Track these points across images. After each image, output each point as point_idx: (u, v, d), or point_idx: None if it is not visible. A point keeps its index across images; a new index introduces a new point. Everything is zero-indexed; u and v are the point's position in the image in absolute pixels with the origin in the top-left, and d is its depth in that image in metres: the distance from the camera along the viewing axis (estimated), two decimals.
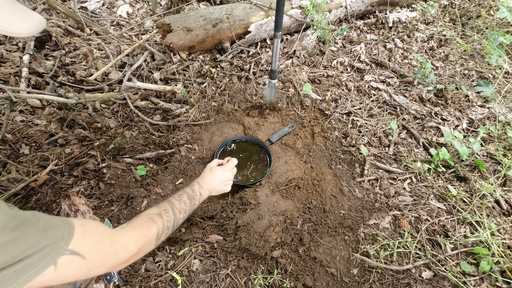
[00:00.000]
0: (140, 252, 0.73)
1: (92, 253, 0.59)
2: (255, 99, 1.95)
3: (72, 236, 0.56)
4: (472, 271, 1.25)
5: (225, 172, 1.20)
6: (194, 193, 1.01)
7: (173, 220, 0.86)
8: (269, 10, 2.39)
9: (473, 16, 2.84)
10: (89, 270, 0.59)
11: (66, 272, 0.55)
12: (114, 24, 2.75)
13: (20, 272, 0.47)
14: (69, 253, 0.55)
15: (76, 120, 1.77)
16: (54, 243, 0.52)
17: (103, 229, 0.65)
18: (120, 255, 0.66)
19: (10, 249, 0.46)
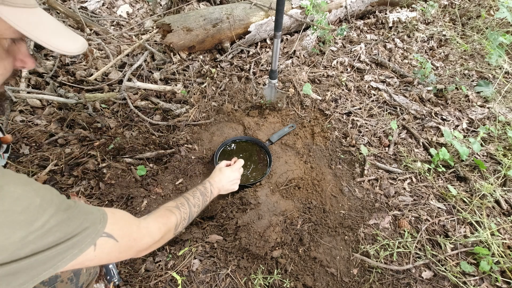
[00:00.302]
0: (162, 239, 0.80)
1: (123, 237, 0.65)
2: (255, 99, 1.95)
3: (106, 220, 0.62)
4: (472, 271, 1.25)
5: (233, 172, 1.32)
6: (206, 190, 1.12)
7: (189, 213, 0.95)
8: (269, 10, 2.39)
9: (473, 16, 2.84)
10: (120, 253, 0.66)
11: (103, 253, 0.60)
12: (114, 24, 2.75)
13: (69, 249, 0.52)
14: (105, 235, 0.61)
15: (76, 120, 1.77)
16: (94, 225, 0.58)
17: (129, 217, 0.72)
18: (145, 240, 0.73)
19: (63, 227, 0.51)
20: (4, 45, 0.52)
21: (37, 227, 0.47)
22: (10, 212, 0.44)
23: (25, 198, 0.47)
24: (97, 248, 0.58)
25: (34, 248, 0.46)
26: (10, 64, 0.56)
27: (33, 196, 0.48)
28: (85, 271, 0.98)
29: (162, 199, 1.47)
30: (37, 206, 0.48)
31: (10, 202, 0.45)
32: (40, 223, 0.47)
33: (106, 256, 0.61)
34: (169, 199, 1.47)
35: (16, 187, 0.47)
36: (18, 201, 0.46)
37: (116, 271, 1.17)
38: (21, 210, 0.46)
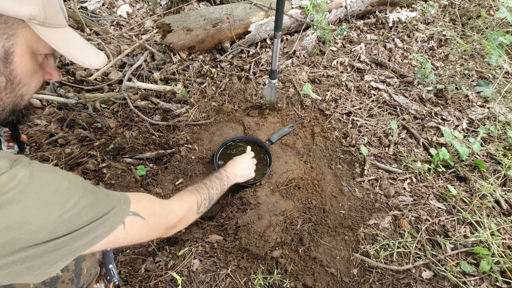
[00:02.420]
0: (185, 217, 0.86)
1: (148, 214, 0.69)
2: (255, 99, 1.95)
3: (130, 201, 0.66)
4: (472, 271, 1.25)
5: (245, 158, 1.38)
6: (221, 175, 1.17)
7: (208, 194, 1.01)
8: (269, 10, 2.39)
9: (473, 16, 2.84)
10: (149, 231, 0.70)
11: (133, 231, 0.64)
12: (114, 24, 2.75)
13: (101, 227, 0.57)
14: (132, 214, 0.64)
15: (76, 120, 1.77)
16: (119, 205, 0.62)
17: (150, 197, 0.77)
18: (170, 216, 0.78)
19: (93, 207, 0.55)
20: (39, 60, 0.58)
21: (69, 207, 0.51)
22: (43, 193, 0.48)
23: (54, 182, 0.51)
24: (126, 227, 0.62)
25: (69, 227, 0.50)
26: (42, 76, 0.61)
27: (61, 180, 0.52)
28: (86, 272, 0.99)
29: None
30: (66, 189, 0.52)
31: (41, 185, 0.48)
32: (72, 203, 0.51)
33: (136, 234, 0.65)
34: None
35: (44, 173, 0.50)
36: (48, 184, 0.49)
37: (116, 271, 1.17)
38: (53, 192, 0.50)
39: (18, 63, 0.53)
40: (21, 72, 0.54)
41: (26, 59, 0.54)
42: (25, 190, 0.46)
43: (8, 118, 0.58)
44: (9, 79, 0.53)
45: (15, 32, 0.50)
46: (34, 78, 0.58)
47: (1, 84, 0.52)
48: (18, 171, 0.47)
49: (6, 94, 0.54)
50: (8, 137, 0.70)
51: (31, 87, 0.59)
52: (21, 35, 0.51)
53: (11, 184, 0.45)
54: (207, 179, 1.10)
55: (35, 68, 0.58)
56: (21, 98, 0.58)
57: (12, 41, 0.50)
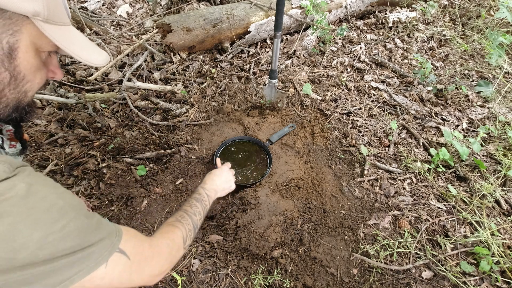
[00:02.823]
0: (172, 258, 0.77)
1: (135, 255, 0.61)
2: (255, 99, 1.95)
3: (122, 235, 0.60)
4: (472, 271, 1.25)
5: (223, 172, 1.25)
6: (200, 196, 1.07)
7: (192, 223, 0.92)
8: (269, 10, 2.39)
9: (473, 16, 2.84)
10: (131, 274, 0.61)
11: (114, 272, 0.56)
12: (114, 24, 2.75)
13: (85, 260, 0.51)
14: (119, 251, 0.57)
15: (76, 120, 1.77)
16: (110, 237, 0.56)
17: (141, 235, 0.69)
18: (156, 259, 0.69)
19: (82, 233, 0.51)
20: (42, 57, 0.58)
21: (57, 228, 0.47)
22: (34, 210, 0.46)
23: (49, 199, 0.48)
24: (108, 265, 0.55)
25: (52, 251, 0.46)
26: (45, 74, 0.61)
27: (57, 198, 0.50)
28: None
29: (162, 199, 1.47)
30: (60, 208, 0.49)
31: (35, 201, 0.46)
32: (61, 225, 0.48)
33: (117, 275, 0.57)
34: (169, 199, 1.47)
35: (43, 188, 0.49)
36: (43, 201, 0.47)
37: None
38: (45, 210, 0.47)
39: (22, 59, 0.53)
40: (25, 68, 0.54)
41: (30, 55, 0.54)
42: (18, 203, 0.44)
43: (11, 115, 0.57)
44: (13, 74, 0.53)
45: (20, 28, 0.51)
46: (37, 75, 0.58)
47: (5, 80, 0.52)
48: (17, 182, 0.45)
49: (9, 90, 0.54)
50: (10, 135, 0.70)
51: (34, 84, 0.59)
52: (25, 31, 0.51)
53: (7, 194, 0.43)
54: (187, 205, 0.99)
55: (39, 65, 0.58)
56: (24, 94, 0.57)
57: (17, 37, 0.51)
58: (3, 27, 0.48)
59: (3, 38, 0.49)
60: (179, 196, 1.48)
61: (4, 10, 0.47)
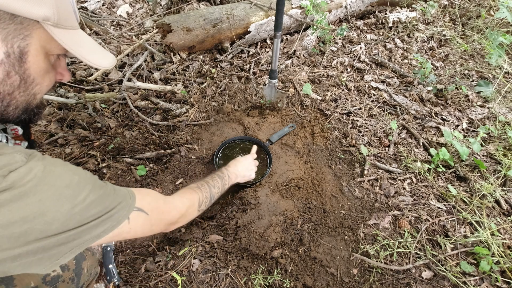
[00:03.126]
0: (187, 213, 0.88)
1: (152, 210, 0.71)
2: (255, 99, 1.95)
3: (135, 196, 0.68)
4: (472, 271, 1.25)
5: (247, 159, 1.39)
6: (223, 174, 1.19)
7: (209, 192, 1.02)
8: (269, 10, 2.39)
9: (473, 16, 2.84)
10: (152, 226, 0.72)
11: (137, 226, 0.66)
12: (114, 24, 2.75)
13: (108, 221, 0.59)
14: (137, 209, 0.66)
15: (76, 120, 1.77)
16: (125, 200, 0.64)
17: (155, 193, 0.78)
18: (172, 213, 0.80)
19: (101, 201, 0.58)
20: (51, 60, 0.60)
21: (80, 200, 0.53)
22: (56, 187, 0.50)
23: (66, 176, 0.53)
24: (131, 221, 0.64)
25: (79, 219, 0.53)
26: (53, 76, 0.63)
27: (72, 174, 0.54)
28: (86, 271, 0.99)
29: None
30: (77, 182, 0.54)
31: (55, 179, 0.51)
32: (82, 196, 0.54)
33: (140, 228, 0.68)
34: None
35: (56, 167, 0.53)
36: (60, 178, 0.52)
37: (116, 271, 1.17)
38: (65, 186, 0.52)
39: (32, 63, 0.55)
40: (34, 72, 0.56)
41: (39, 59, 0.56)
42: (40, 183, 0.48)
43: (20, 117, 0.59)
44: (23, 78, 0.55)
45: (30, 33, 0.52)
46: (46, 77, 0.60)
47: (15, 83, 0.54)
48: (33, 165, 0.49)
49: (19, 93, 0.56)
50: (15, 135, 0.71)
51: (43, 87, 0.60)
52: (35, 35, 0.53)
53: (28, 177, 0.47)
54: (209, 178, 1.11)
55: (48, 68, 0.60)
56: (33, 97, 0.59)
57: (27, 41, 0.52)
58: (15, 31, 0.50)
59: (14, 42, 0.51)
60: None
61: (15, 15, 0.49)
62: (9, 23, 0.49)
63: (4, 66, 0.51)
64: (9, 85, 0.53)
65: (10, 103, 0.55)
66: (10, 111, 0.56)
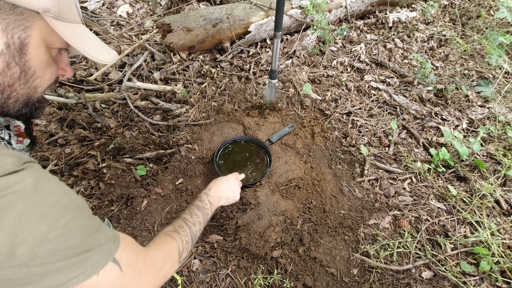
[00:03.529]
0: (166, 273, 0.74)
1: (128, 267, 0.59)
2: (255, 99, 1.95)
3: (119, 243, 0.58)
4: (472, 271, 1.25)
5: (230, 180, 1.22)
6: (203, 203, 1.03)
7: (190, 234, 0.87)
8: (269, 10, 2.39)
9: (473, 16, 2.84)
10: (122, 286, 0.59)
11: (104, 283, 0.55)
12: (114, 24, 2.75)
13: (82, 265, 0.50)
14: (113, 261, 0.56)
15: (76, 120, 1.77)
16: (108, 243, 0.56)
17: (137, 245, 0.67)
18: (149, 272, 0.66)
19: (81, 234, 0.51)
20: (53, 54, 0.59)
21: (60, 225, 0.47)
22: (39, 204, 0.46)
23: (55, 195, 0.49)
24: (100, 275, 0.53)
25: (51, 249, 0.46)
26: (55, 71, 0.62)
27: (62, 195, 0.50)
28: None
29: (162, 199, 1.47)
30: (63, 205, 0.49)
31: (42, 195, 0.47)
32: (63, 222, 0.48)
33: (107, 286, 0.56)
34: (169, 199, 1.47)
35: (50, 184, 0.50)
36: (48, 196, 0.48)
37: None
38: (49, 205, 0.47)
39: (32, 55, 0.54)
40: (35, 64, 0.55)
41: (40, 51, 0.55)
42: (25, 196, 0.45)
43: (21, 110, 0.58)
44: (23, 69, 0.54)
45: (31, 24, 0.52)
46: (47, 71, 0.59)
47: (15, 75, 0.53)
48: (26, 175, 0.46)
49: (20, 85, 0.55)
50: (18, 132, 0.71)
51: (44, 80, 0.59)
52: (36, 27, 0.52)
53: (15, 187, 0.44)
54: (188, 213, 0.95)
55: (49, 61, 0.59)
56: (34, 90, 0.58)
57: (28, 32, 0.52)
58: (15, 22, 0.49)
59: (14, 33, 0.50)
60: (179, 196, 1.48)
61: (16, 5, 0.48)
62: (10, 13, 0.48)
63: (4, 57, 0.50)
64: (9, 77, 0.53)
65: (11, 96, 0.55)
66: (11, 104, 0.55)
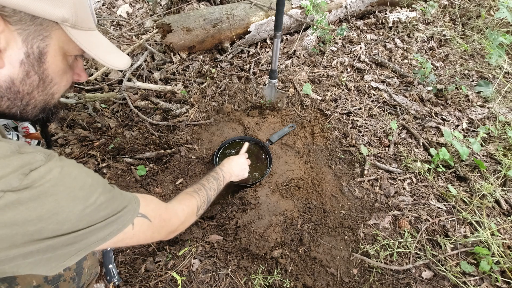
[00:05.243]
0: (186, 221, 0.89)
1: (155, 217, 0.72)
2: (255, 99, 1.95)
3: (139, 202, 0.68)
4: (472, 271, 1.25)
5: (241, 159, 1.40)
6: (218, 175, 1.19)
7: (206, 196, 1.03)
8: (269, 10, 2.39)
9: (473, 16, 2.84)
10: (153, 233, 0.72)
11: (140, 232, 0.66)
12: (114, 24, 2.75)
13: (114, 223, 0.60)
14: (140, 215, 0.67)
15: (76, 120, 1.77)
16: (131, 204, 0.65)
17: (157, 200, 0.79)
18: (173, 221, 0.81)
19: (110, 204, 0.58)
20: (69, 61, 0.62)
21: (91, 202, 0.54)
22: (72, 188, 0.52)
23: (80, 178, 0.55)
24: (135, 227, 0.64)
25: (89, 220, 0.54)
26: (71, 77, 0.65)
27: (86, 177, 0.56)
28: (87, 271, 0.99)
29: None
30: (90, 185, 0.56)
31: (71, 181, 0.53)
32: (93, 199, 0.55)
33: (143, 234, 0.68)
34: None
35: (73, 169, 0.55)
36: (76, 180, 0.53)
37: (116, 271, 1.17)
38: (80, 187, 0.53)
39: (50, 63, 0.56)
40: (53, 72, 0.58)
41: (58, 59, 0.58)
42: (57, 183, 0.50)
43: (38, 116, 0.61)
44: (41, 78, 0.56)
45: (49, 34, 0.54)
46: (64, 78, 0.62)
47: (34, 83, 0.56)
48: (53, 166, 0.51)
49: (38, 92, 0.57)
50: (26, 133, 0.73)
51: (61, 87, 0.62)
52: (54, 36, 0.55)
53: (47, 177, 0.49)
54: (205, 180, 1.11)
55: (66, 68, 0.61)
56: (51, 96, 0.61)
57: (46, 42, 0.54)
58: (34, 32, 0.52)
59: (34, 43, 0.52)
60: None
61: (36, 16, 0.50)
62: (30, 24, 0.50)
63: (24, 66, 0.53)
64: (28, 85, 0.55)
65: (29, 103, 0.57)
66: (29, 110, 0.58)
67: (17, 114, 0.58)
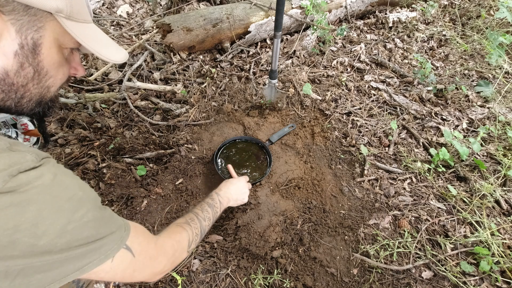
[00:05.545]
0: (175, 259, 0.77)
1: (140, 253, 0.63)
2: (255, 99, 1.95)
3: (130, 231, 0.61)
4: (472, 271, 1.25)
5: (240, 182, 1.28)
6: (214, 201, 1.08)
7: (200, 227, 0.92)
8: (269, 10, 2.39)
9: (473, 16, 2.84)
10: (134, 271, 0.62)
11: (119, 267, 0.58)
12: (114, 24, 2.75)
13: (96, 251, 0.53)
14: (125, 248, 0.59)
15: (76, 120, 1.77)
16: (119, 231, 0.58)
17: (148, 233, 0.70)
18: (160, 259, 0.70)
19: (96, 224, 0.52)
20: (65, 54, 0.60)
21: (76, 217, 0.49)
22: (58, 198, 0.48)
23: (71, 189, 0.51)
24: (114, 260, 0.56)
25: (69, 239, 0.48)
26: (67, 70, 0.63)
27: (77, 189, 0.52)
28: None
29: (162, 199, 1.47)
30: (79, 198, 0.51)
31: (59, 190, 0.49)
32: (79, 214, 0.50)
33: (121, 272, 0.59)
34: (169, 199, 1.47)
35: (66, 178, 0.51)
36: (66, 190, 0.50)
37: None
38: (67, 199, 0.49)
39: (45, 55, 0.55)
40: (48, 64, 0.56)
41: (53, 51, 0.56)
42: (44, 191, 0.46)
43: (34, 109, 0.59)
44: (36, 70, 0.55)
45: (44, 25, 0.52)
46: (60, 70, 0.60)
47: (29, 75, 0.54)
48: (45, 171, 0.48)
49: (33, 85, 0.56)
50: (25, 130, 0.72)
51: (57, 80, 0.60)
52: (49, 27, 0.53)
53: (36, 182, 0.46)
54: (199, 208, 1.00)
55: (61, 61, 0.60)
56: (47, 89, 0.59)
57: (41, 33, 0.53)
58: (28, 23, 0.51)
59: (28, 34, 0.51)
60: (179, 196, 1.48)
61: (29, 6, 0.49)
62: (23, 14, 0.49)
63: (18, 58, 0.51)
64: (23, 77, 0.54)
65: (24, 95, 0.56)
66: (24, 103, 0.57)
67: (12, 107, 0.56)
